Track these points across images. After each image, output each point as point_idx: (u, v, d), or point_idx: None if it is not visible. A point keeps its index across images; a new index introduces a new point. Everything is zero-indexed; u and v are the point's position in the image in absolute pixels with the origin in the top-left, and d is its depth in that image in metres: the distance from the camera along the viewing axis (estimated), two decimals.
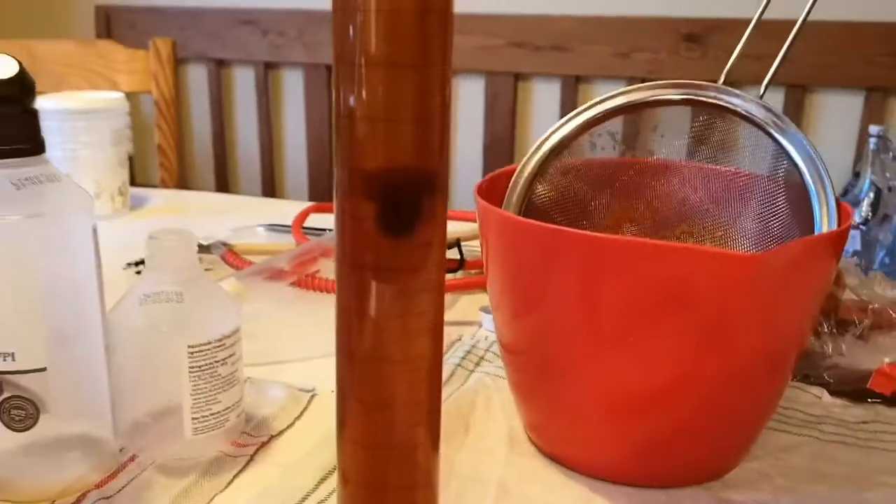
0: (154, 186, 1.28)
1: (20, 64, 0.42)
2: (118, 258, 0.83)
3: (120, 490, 0.46)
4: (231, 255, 0.80)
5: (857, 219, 0.85)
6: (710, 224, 0.54)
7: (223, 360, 0.49)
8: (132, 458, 0.49)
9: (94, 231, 0.45)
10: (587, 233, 0.44)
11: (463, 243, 0.80)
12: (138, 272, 0.78)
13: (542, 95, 1.77)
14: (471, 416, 0.56)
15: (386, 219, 0.33)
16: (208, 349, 0.48)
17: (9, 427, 0.43)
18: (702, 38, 1.56)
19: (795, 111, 1.54)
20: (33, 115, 0.43)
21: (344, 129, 0.32)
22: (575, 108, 0.54)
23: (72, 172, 0.99)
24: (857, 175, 0.91)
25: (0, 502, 0.45)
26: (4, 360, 0.42)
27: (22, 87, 0.42)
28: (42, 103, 0.99)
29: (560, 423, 0.51)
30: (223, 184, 2.04)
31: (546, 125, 0.55)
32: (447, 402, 0.57)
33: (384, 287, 0.34)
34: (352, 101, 0.32)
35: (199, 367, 0.48)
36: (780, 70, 0.49)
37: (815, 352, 0.56)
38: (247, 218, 0.99)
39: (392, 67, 0.31)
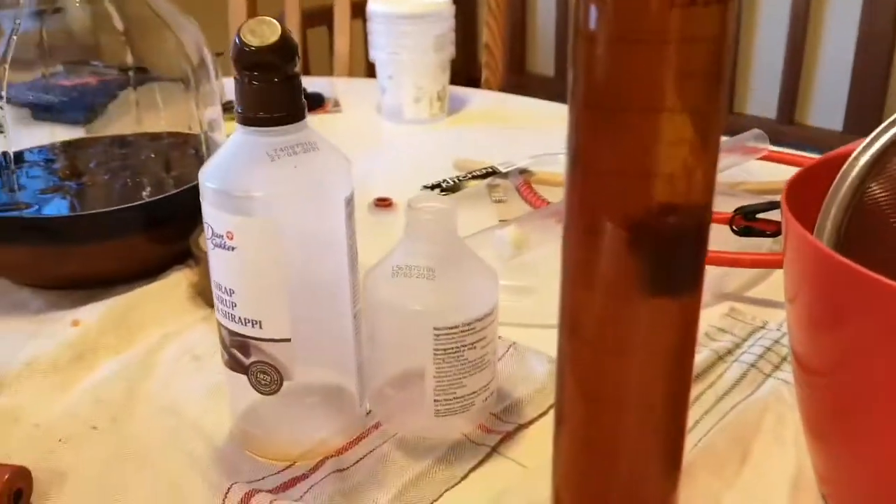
0: (476, 86, 1.26)
1: (283, 28, 0.40)
2: (423, 172, 0.82)
3: (356, 463, 0.46)
4: (526, 188, 0.75)
5: None
6: None
7: (472, 343, 0.46)
8: (376, 426, 0.49)
9: (348, 202, 0.43)
10: None
11: None
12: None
13: None
14: (753, 441, 0.48)
15: (658, 276, 0.26)
16: (456, 333, 0.45)
17: (256, 389, 0.44)
18: None
19: None
20: (293, 82, 0.41)
21: (590, 181, 0.25)
22: None
23: (394, 74, 1.00)
24: None
25: (248, 454, 0.47)
26: (252, 326, 0.43)
27: (283, 54, 0.40)
28: (372, 6, 1.00)
29: (861, 486, 0.41)
30: None
31: None
32: (729, 416, 0.49)
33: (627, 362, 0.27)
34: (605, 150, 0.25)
35: (445, 350, 0.45)
36: None
37: None
38: None
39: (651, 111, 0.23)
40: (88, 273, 0.61)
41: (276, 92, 0.40)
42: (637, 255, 0.25)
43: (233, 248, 0.41)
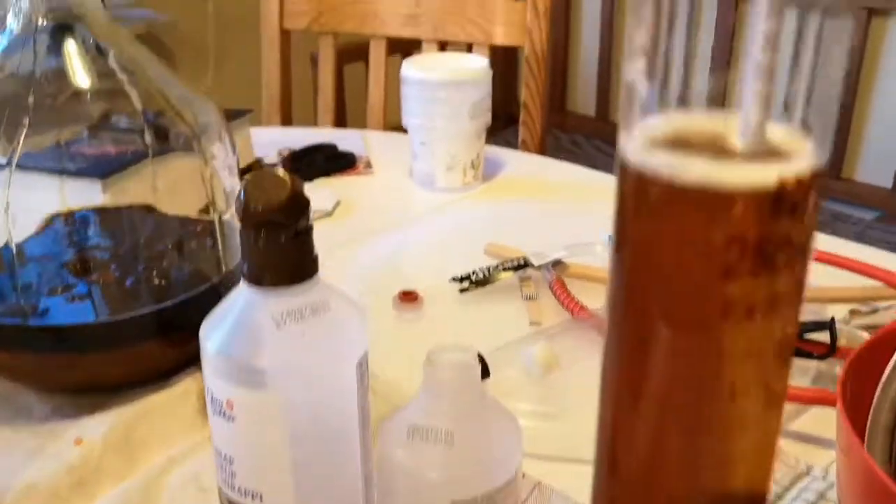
0: (513, 146, 1.22)
1: (292, 182, 0.36)
2: (453, 256, 0.78)
3: None
4: (560, 287, 0.71)
5: None
6: None
7: None
8: None
9: (360, 363, 0.40)
10: None
11: (839, 320, 0.63)
12: (463, 290, 0.73)
13: None
14: None
15: None
16: None
17: None
18: None
19: None
20: (302, 238, 0.37)
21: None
22: None
23: (427, 141, 0.97)
24: None
25: None
26: (252, 498, 0.39)
27: (291, 213, 0.36)
28: (406, 71, 0.97)
29: None
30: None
31: None
32: None
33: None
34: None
35: None
36: None
37: None
38: None
39: None
40: (95, 380, 0.59)
41: (283, 251, 0.37)
42: None
43: (232, 419, 0.38)
